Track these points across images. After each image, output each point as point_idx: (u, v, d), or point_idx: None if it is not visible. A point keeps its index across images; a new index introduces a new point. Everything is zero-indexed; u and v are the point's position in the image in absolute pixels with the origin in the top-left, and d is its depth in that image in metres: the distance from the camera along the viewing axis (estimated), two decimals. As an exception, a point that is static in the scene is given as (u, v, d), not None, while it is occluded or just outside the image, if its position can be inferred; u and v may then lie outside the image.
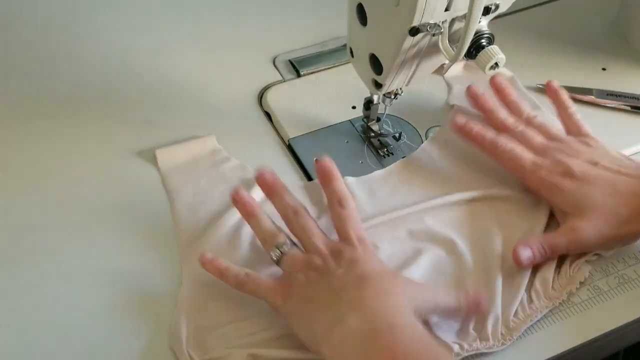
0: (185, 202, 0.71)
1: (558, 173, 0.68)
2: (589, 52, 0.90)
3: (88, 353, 0.61)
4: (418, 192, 0.73)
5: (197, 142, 0.76)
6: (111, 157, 0.76)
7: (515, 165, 0.70)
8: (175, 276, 0.66)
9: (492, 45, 0.63)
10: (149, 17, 0.91)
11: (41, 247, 0.68)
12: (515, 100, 0.76)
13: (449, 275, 0.66)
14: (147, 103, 0.82)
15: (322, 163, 0.66)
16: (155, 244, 0.68)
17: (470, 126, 0.73)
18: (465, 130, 0.73)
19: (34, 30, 0.88)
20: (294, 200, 0.65)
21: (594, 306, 0.65)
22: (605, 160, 0.69)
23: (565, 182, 0.68)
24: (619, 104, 0.83)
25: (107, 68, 0.85)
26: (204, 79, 0.84)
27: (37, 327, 0.63)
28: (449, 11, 0.60)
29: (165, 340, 0.62)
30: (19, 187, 0.73)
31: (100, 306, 0.64)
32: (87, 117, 0.80)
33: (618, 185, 0.67)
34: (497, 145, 0.71)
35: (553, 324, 0.64)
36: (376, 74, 0.69)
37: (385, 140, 0.78)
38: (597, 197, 0.66)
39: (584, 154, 0.69)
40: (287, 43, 0.89)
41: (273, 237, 0.63)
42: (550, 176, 0.68)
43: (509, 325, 0.62)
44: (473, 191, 0.72)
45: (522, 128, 0.72)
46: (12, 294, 0.65)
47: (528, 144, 0.71)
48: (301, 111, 0.81)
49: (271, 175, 0.66)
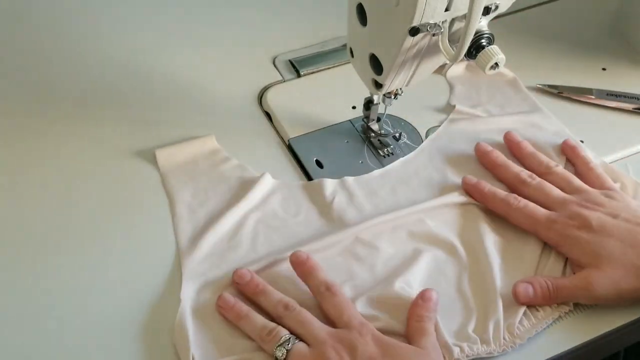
0: (185, 202, 0.71)
1: (574, 226, 0.66)
2: (589, 52, 0.90)
3: (88, 353, 0.61)
4: (418, 192, 0.73)
5: (197, 142, 0.76)
6: (111, 157, 0.76)
7: (530, 221, 0.67)
8: (175, 276, 0.66)
9: (492, 45, 0.63)
10: (149, 17, 0.91)
11: (41, 246, 0.68)
12: (532, 152, 0.74)
13: (449, 277, 0.66)
14: (147, 103, 0.82)
15: (298, 258, 0.64)
16: (155, 244, 0.68)
17: (482, 185, 0.71)
18: (477, 190, 0.71)
19: (34, 31, 0.88)
20: (280, 296, 0.63)
21: (594, 306, 0.65)
22: (626, 213, 0.66)
23: (582, 234, 0.65)
24: (619, 104, 0.83)
25: (107, 68, 0.85)
26: (204, 79, 0.84)
27: (34, 329, 0.63)
28: (449, 11, 0.60)
29: (166, 340, 0.62)
30: (19, 187, 0.73)
31: (100, 306, 0.64)
32: (87, 117, 0.80)
33: (639, 237, 0.64)
34: (509, 203, 0.68)
35: (553, 324, 0.63)
36: (376, 74, 0.69)
37: (385, 140, 0.78)
38: (615, 248, 0.64)
39: (606, 207, 0.67)
40: (287, 43, 0.89)
41: (272, 334, 0.60)
42: (566, 229, 0.66)
43: (514, 332, 0.62)
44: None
45: (538, 181, 0.70)
46: (11, 294, 0.65)
47: (546, 197, 0.69)
48: (301, 111, 0.81)
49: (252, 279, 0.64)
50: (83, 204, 0.72)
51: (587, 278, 0.63)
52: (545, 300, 0.63)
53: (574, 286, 0.64)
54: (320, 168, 0.76)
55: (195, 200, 0.72)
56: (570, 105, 0.83)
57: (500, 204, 0.69)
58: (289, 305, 0.62)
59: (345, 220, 0.70)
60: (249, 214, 0.70)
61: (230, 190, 0.72)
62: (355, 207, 0.71)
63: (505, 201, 0.69)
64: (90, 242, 0.69)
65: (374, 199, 0.72)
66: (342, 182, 0.73)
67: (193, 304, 0.63)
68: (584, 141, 0.78)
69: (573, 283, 0.64)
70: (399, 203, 0.72)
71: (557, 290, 0.63)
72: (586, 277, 0.63)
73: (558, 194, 0.69)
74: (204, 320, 0.62)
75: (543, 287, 0.63)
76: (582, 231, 0.65)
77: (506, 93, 0.84)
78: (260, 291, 0.63)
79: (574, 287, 0.64)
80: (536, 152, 0.74)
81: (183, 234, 0.69)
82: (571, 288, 0.64)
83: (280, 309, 0.62)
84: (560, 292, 0.63)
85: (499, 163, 0.73)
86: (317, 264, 0.64)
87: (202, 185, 0.73)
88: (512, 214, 0.69)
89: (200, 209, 0.71)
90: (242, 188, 0.72)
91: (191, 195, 0.72)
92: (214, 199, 0.72)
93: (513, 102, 0.82)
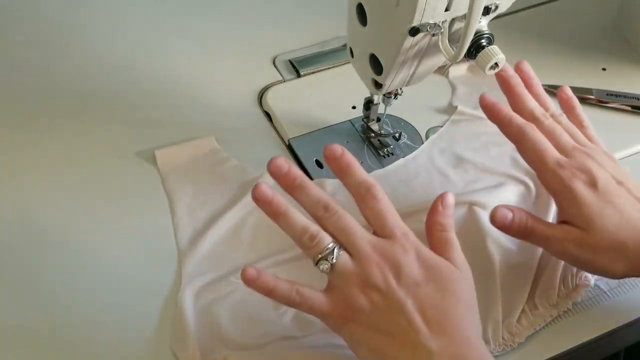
0: (185, 203, 0.71)
1: (581, 179, 0.62)
2: (589, 52, 0.90)
3: (88, 353, 0.61)
4: (419, 192, 0.73)
5: (196, 143, 0.76)
6: (111, 157, 0.76)
7: (539, 158, 0.63)
8: (175, 277, 0.66)
9: (492, 45, 0.63)
10: (149, 17, 0.91)
11: (41, 246, 0.68)
12: (542, 93, 0.70)
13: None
14: (147, 103, 0.82)
15: (334, 152, 0.58)
16: (154, 244, 0.68)
17: (499, 107, 0.66)
18: (494, 111, 0.66)
19: (34, 31, 0.88)
20: (320, 194, 0.58)
21: (594, 306, 0.65)
22: (629, 183, 0.63)
23: (586, 191, 0.61)
24: (619, 104, 0.83)
25: (107, 68, 0.85)
26: (204, 79, 0.84)
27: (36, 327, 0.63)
28: (449, 11, 0.60)
29: (166, 341, 0.62)
30: (19, 187, 0.73)
31: (100, 306, 0.64)
32: (86, 117, 0.80)
33: (635, 214, 0.61)
34: (524, 132, 0.64)
35: (553, 324, 0.64)
36: (376, 74, 0.69)
37: (385, 140, 0.78)
38: (612, 220, 0.61)
39: (610, 168, 0.63)
40: (287, 43, 0.89)
41: (314, 240, 0.56)
42: (572, 180, 0.62)
43: (512, 330, 0.62)
44: (474, 193, 0.72)
45: (551, 121, 0.66)
46: (11, 293, 0.65)
47: (557, 140, 0.65)
48: (301, 111, 0.81)
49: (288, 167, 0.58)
50: (83, 204, 0.72)
51: (567, 234, 0.61)
52: (518, 234, 0.62)
53: (551, 235, 0.62)
54: (320, 168, 0.76)
55: (195, 200, 0.72)
56: (571, 105, 0.83)
57: (515, 129, 0.65)
58: (329, 206, 0.57)
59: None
60: (249, 214, 0.70)
61: (230, 191, 0.72)
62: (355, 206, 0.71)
63: (522, 128, 0.64)
64: (90, 243, 0.69)
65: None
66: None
67: (193, 304, 0.63)
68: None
69: (552, 232, 0.62)
70: (399, 203, 0.72)
71: (533, 232, 0.62)
72: (567, 233, 0.61)
73: (569, 140, 0.65)
74: (205, 320, 0.62)
75: (521, 221, 0.62)
76: (586, 187, 0.62)
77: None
78: (297, 185, 0.57)
79: (552, 236, 0.62)
80: (546, 95, 0.70)
81: (183, 234, 0.69)
82: (548, 235, 0.62)
83: (320, 210, 0.57)
84: (535, 234, 0.62)
85: (518, 92, 0.68)
86: (354, 160, 0.59)
87: (202, 186, 0.73)
88: (523, 144, 0.64)
89: (200, 209, 0.71)
90: (242, 188, 0.72)
91: (191, 195, 0.72)
92: (213, 200, 0.72)
93: (514, 102, 0.82)
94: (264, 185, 0.57)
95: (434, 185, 0.74)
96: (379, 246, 0.57)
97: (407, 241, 0.57)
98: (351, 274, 0.56)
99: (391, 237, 0.57)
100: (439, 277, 0.57)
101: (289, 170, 0.57)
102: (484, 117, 0.80)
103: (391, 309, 0.55)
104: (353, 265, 0.56)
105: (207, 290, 0.64)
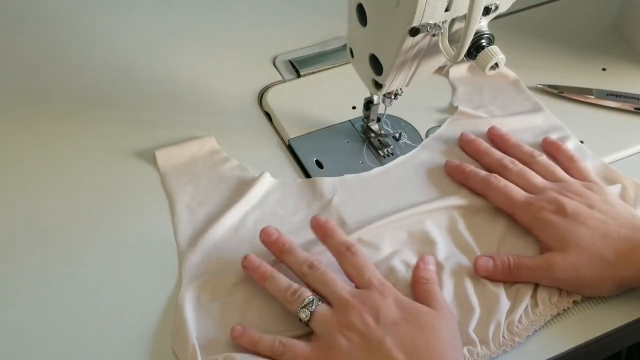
0: (184, 203, 0.71)
1: (549, 210, 0.66)
2: (589, 52, 0.90)
3: (87, 353, 0.61)
4: (418, 191, 0.73)
5: (196, 143, 0.76)
6: (111, 157, 0.76)
7: (508, 200, 0.69)
8: (175, 277, 0.66)
9: (492, 46, 0.63)
10: (149, 17, 0.91)
11: (41, 246, 0.68)
12: (516, 143, 0.75)
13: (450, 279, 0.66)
14: (147, 103, 0.82)
15: (318, 221, 0.65)
16: (154, 244, 0.68)
17: (463, 166, 0.72)
18: (459, 170, 0.72)
19: (34, 31, 0.88)
20: (305, 255, 0.63)
21: (594, 306, 0.65)
22: (603, 206, 0.67)
23: (555, 218, 0.66)
24: (618, 104, 0.83)
25: (107, 68, 0.85)
26: (204, 79, 0.84)
27: (35, 326, 0.63)
28: (449, 11, 0.60)
29: (166, 341, 0.62)
30: (19, 187, 0.73)
31: (100, 306, 0.64)
32: (86, 118, 0.80)
33: (610, 229, 0.65)
34: (489, 182, 0.70)
35: (553, 324, 0.64)
36: (376, 74, 0.69)
37: (385, 140, 0.78)
38: (584, 235, 0.64)
39: (584, 198, 0.67)
40: (287, 43, 0.89)
41: (295, 294, 0.61)
42: (541, 212, 0.66)
43: (513, 330, 0.62)
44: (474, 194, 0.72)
45: (520, 167, 0.71)
46: (11, 293, 0.65)
47: (527, 182, 0.70)
48: (301, 111, 0.81)
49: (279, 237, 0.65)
50: (83, 204, 0.72)
51: (549, 260, 0.64)
52: (505, 276, 0.64)
53: (536, 266, 0.64)
54: (320, 168, 0.76)
55: (194, 200, 0.72)
56: (571, 105, 0.83)
57: (480, 182, 0.71)
58: (313, 264, 0.62)
59: (344, 218, 0.70)
60: (249, 213, 0.71)
61: (230, 191, 0.72)
62: (354, 205, 0.71)
63: (486, 180, 0.70)
64: (90, 243, 0.69)
65: (373, 198, 0.72)
66: (342, 180, 0.73)
67: (193, 304, 0.63)
68: (583, 141, 0.78)
69: (535, 263, 0.65)
70: (398, 202, 0.72)
71: (518, 268, 0.64)
72: (549, 259, 0.64)
73: (539, 181, 0.70)
74: (204, 320, 0.62)
75: (504, 262, 0.65)
76: (556, 215, 0.66)
77: (509, 94, 0.84)
78: (286, 250, 0.64)
79: (536, 266, 0.64)
80: (521, 142, 0.75)
81: (183, 234, 0.69)
82: (533, 267, 0.64)
83: (305, 268, 0.62)
84: (522, 270, 0.64)
85: (482, 150, 0.75)
86: (336, 226, 0.65)
87: (201, 186, 0.73)
88: (491, 193, 0.70)
89: (200, 209, 0.71)
90: (241, 188, 0.72)
91: (191, 195, 0.72)
92: (213, 199, 0.72)
93: (515, 103, 0.82)
94: (252, 255, 0.64)
95: (434, 184, 0.74)
96: (358, 294, 0.60)
97: (384, 289, 0.61)
98: (330, 320, 0.59)
99: (369, 286, 0.61)
100: (418, 318, 0.59)
101: (278, 237, 0.65)
102: (484, 116, 0.81)
103: (371, 347, 0.57)
104: (332, 312, 0.60)
105: (207, 290, 0.64)
